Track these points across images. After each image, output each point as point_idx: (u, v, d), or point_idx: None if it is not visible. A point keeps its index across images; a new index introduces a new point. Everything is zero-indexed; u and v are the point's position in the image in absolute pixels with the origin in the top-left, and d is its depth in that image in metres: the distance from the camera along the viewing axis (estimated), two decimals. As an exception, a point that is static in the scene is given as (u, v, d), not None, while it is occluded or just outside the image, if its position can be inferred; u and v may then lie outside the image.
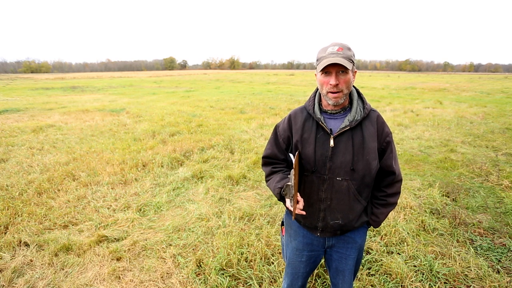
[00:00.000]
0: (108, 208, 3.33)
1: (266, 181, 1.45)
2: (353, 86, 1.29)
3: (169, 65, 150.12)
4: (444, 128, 7.46)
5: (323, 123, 1.25)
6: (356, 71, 1.25)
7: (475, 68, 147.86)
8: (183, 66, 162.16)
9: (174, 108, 10.57)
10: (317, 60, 1.23)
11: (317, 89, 1.34)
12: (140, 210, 3.31)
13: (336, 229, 1.34)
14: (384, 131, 1.28)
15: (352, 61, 1.17)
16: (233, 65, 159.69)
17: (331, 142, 1.23)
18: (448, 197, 3.57)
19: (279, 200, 1.35)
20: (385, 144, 1.28)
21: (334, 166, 1.24)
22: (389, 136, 1.29)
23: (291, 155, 1.32)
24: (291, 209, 1.20)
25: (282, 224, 1.64)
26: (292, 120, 1.35)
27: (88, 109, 10.47)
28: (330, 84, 1.17)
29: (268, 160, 1.47)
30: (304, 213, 1.24)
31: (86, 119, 8.49)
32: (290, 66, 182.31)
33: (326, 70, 1.17)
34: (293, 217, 1.18)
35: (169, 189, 3.81)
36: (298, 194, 1.26)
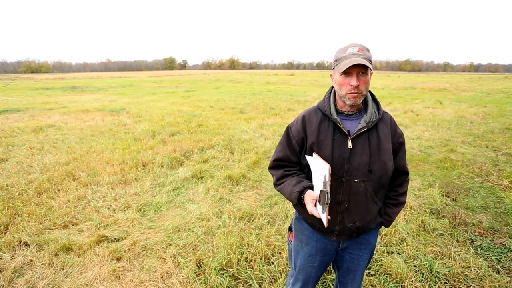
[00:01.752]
0: (108, 208, 3.33)
1: (277, 184, 1.37)
2: None
3: (169, 65, 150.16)
4: (444, 128, 7.46)
5: (340, 124, 1.23)
6: (372, 72, 1.23)
7: (475, 68, 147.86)
8: (183, 66, 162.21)
9: (174, 108, 10.57)
10: (335, 61, 1.20)
11: (331, 89, 1.32)
12: (140, 210, 3.31)
13: (353, 232, 1.32)
14: (396, 132, 1.29)
15: (371, 62, 1.17)
16: (233, 65, 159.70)
17: (349, 144, 1.22)
18: (448, 197, 3.57)
19: (295, 204, 1.30)
20: (397, 145, 1.29)
21: (351, 168, 1.22)
22: (402, 137, 1.31)
23: (308, 157, 1.26)
24: (319, 216, 1.13)
25: (290, 229, 1.59)
26: (306, 121, 1.31)
27: (88, 109, 10.47)
28: (351, 85, 1.15)
29: (279, 163, 1.39)
30: (329, 217, 1.18)
31: (86, 119, 8.48)
32: (290, 66, 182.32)
33: (347, 71, 1.15)
34: (326, 224, 1.10)
35: (169, 189, 3.81)
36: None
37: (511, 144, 5.94)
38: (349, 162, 1.22)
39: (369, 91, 1.30)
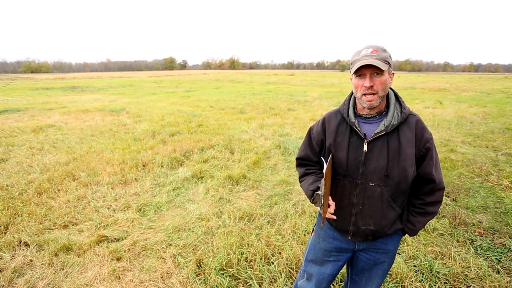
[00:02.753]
0: (108, 208, 3.33)
1: (300, 181, 1.48)
2: (391, 89, 1.26)
3: (169, 65, 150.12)
4: (444, 128, 7.46)
5: (356, 128, 1.22)
6: (393, 73, 1.21)
7: (475, 68, 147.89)
8: (183, 66, 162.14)
9: (174, 108, 10.57)
10: (351, 64, 1.21)
11: (351, 93, 1.32)
12: (140, 210, 3.31)
13: (367, 235, 1.31)
14: (423, 137, 1.20)
15: (388, 63, 1.14)
16: (233, 65, 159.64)
17: (365, 147, 1.21)
18: (448, 197, 3.57)
19: (311, 202, 1.35)
20: (424, 151, 1.21)
21: (367, 171, 1.22)
22: (429, 142, 1.21)
23: (323, 159, 1.31)
24: (324, 214, 1.20)
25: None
26: (326, 123, 1.35)
27: (88, 109, 10.47)
28: (365, 86, 1.15)
29: (301, 162, 1.49)
30: (334, 217, 1.24)
31: (86, 119, 8.48)
32: (290, 66, 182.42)
33: (360, 72, 1.15)
34: (322, 223, 1.19)
35: (169, 189, 3.81)
36: (330, 197, 1.26)
37: (511, 144, 5.93)
38: (365, 165, 1.22)
39: (394, 92, 1.27)
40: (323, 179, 1.11)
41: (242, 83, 27.22)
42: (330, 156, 1.24)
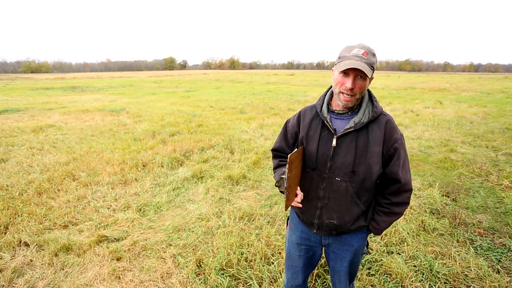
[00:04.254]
0: (108, 208, 3.33)
1: (274, 172, 1.52)
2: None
3: (169, 65, 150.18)
4: (444, 128, 7.46)
5: (328, 123, 1.25)
6: (373, 78, 1.22)
7: (475, 68, 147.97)
8: (183, 66, 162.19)
9: (174, 108, 10.57)
10: (339, 58, 1.21)
11: (329, 88, 1.34)
12: (140, 210, 3.31)
13: (331, 229, 1.35)
14: (392, 136, 1.22)
15: (373, 68, 1.16)
16: (233, 65, 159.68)
17: (334, 142, 1.24)
18: (448, 197, 3.57)
19: (275, 185, 1.41)
20: (392, 150, 1.23)
21: (334, 166, 1.25)
22: (398, 142, 1.22)
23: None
24: (289, 202, 1.24)
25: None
26: (301, 117, 1.39)
27: (88, 109, 10.47)
28: (346, 86, 1.16)
29: (276, 153, 1.54)
30: (300, 205, 1.27)
31: (86, 119, 8.48)
32: (290, 66, 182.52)
33: (346, 71, 1.16)
34: (284, 208, 1.23)
35: (169, 189, 3.81)
36: (299, 188, 1.30)
37: (511, 144, 5.93)
38: (333, 159, 1.25)
39: (369, 92, 1.29)
40: (287, 164, 1.14)
41: (242, 83, 27.21)
42: (301, 147, 1.28)
